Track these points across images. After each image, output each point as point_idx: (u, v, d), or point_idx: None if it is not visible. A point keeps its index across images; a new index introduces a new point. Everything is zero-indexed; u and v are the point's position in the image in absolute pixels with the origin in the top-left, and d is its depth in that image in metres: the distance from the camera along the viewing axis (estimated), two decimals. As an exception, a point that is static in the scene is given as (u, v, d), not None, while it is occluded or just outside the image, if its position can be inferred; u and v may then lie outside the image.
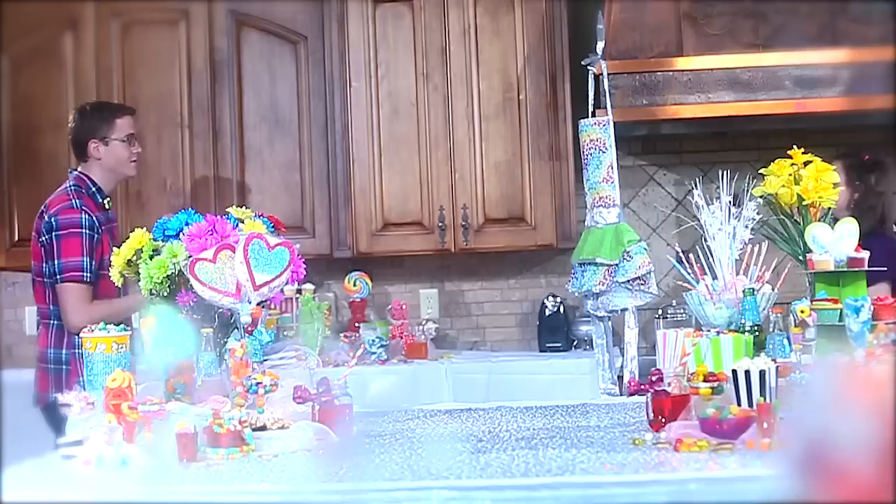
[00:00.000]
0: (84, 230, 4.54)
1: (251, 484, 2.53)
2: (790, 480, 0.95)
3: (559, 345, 5.66)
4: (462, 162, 5.51)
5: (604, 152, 4.19)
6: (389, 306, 5.58)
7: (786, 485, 0.95)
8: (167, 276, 3.45)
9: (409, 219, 5.53)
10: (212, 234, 3.47)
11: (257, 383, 3.08)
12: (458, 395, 5.08)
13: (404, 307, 5.55)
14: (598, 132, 4.37)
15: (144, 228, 3.59)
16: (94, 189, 4.72)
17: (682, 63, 5.17)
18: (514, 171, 5.52)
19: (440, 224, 5.45)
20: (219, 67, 5.66)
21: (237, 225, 3.54)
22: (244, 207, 3.84)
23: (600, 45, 4.07)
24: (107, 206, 4.74)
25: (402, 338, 5.42)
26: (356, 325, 5.60)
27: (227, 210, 3.68)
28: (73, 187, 4.69)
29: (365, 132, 5.54)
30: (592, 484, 2.40)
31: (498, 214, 5.54)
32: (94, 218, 4.58)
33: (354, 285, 5.72)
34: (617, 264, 4.09)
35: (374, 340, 5.23)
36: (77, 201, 4.61)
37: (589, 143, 4.38)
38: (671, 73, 5.14)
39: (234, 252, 3.36)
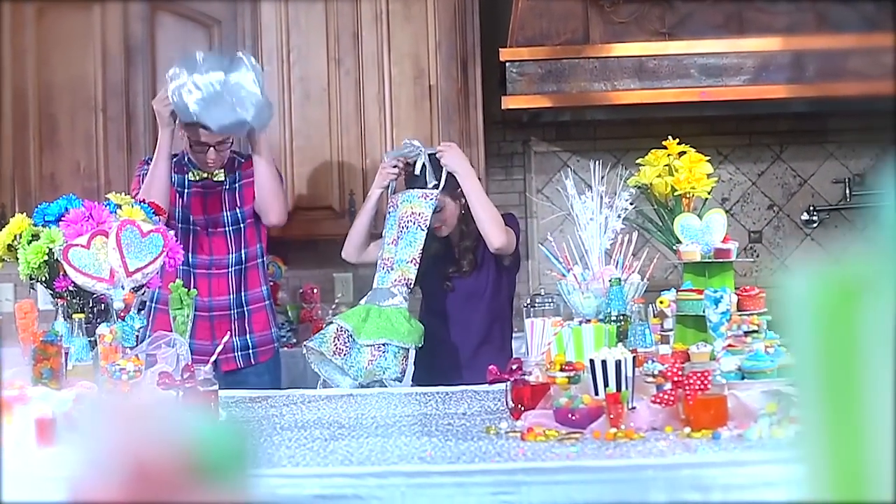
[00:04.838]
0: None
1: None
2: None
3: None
4: (373, 147, 5.50)
5: (422, 230, 4.14)
6: (301, 290, 5.60)
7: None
8: (44, 261, 3.48)
9: (320, 203, 5.52)
10: (88, 220, 3.49)
11: (121, 369, 3.11)
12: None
13: (315, 291, 5.58)
14: (423, 207, 4.18)
15: (25, 213, 3.62)
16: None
17: (589, 50, 5.19)
18: (425, 156, 5.52)
19: (351, 208, 5.46)
20: (133, 51, 5.64)
21: (115, 211, 3.56)
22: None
23: None
24: (195, 178, 4.62)
25: (311, 322, 5.45)
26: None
27: (107, 196, 3.70)
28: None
29: (276, 116, 5.52)
30: (418, 473, 2.44)
31: (408, 200, 5.54)
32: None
33: (267, 269, 5.72)
34: None
35: (281, 324, 5.25)
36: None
37: (409, 215, 4.17)
38: (577, 61, 5.17)
39: (108, 238, 3.38)
